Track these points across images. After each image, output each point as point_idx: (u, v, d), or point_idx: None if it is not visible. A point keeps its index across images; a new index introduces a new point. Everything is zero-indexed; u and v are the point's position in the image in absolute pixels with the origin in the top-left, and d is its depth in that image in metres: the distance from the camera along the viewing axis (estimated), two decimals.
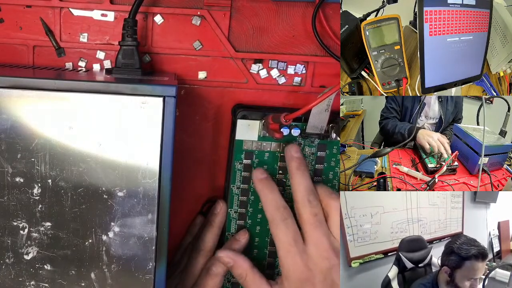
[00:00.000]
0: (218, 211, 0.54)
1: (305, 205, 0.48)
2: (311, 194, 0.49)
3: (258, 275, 0.51)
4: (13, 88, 0.40)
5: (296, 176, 0.49)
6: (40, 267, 0.43)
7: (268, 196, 0.50)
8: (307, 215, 0.48)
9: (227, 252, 0.52)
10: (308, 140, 0.53)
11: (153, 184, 0.42)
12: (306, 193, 0.49)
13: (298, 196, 0.49)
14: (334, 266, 0.47)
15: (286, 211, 0.49)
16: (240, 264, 0.51)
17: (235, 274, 0.52)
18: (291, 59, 0.53)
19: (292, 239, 0.48)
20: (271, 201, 0.50)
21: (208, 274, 0.52)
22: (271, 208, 0.49)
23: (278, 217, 0.49)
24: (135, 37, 0.48)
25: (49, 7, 0.50)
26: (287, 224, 0.48)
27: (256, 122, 0.51)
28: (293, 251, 0.48)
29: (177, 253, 0.57)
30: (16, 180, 0.41)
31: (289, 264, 0.48)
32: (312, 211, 0.48)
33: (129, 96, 0.41)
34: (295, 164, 0.50)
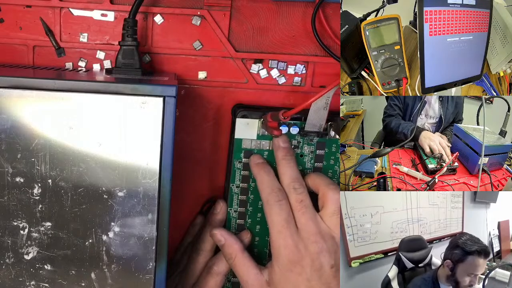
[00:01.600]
0: (218, 211, 0.54)
1: (290, 191, 0.49)
2: (296, 182, 0.50)
3: (247, 258, 0.51)
4: (13, 88, 0.40)
5: (282, 165, 0.51)
6: (40, 267, 0.43)
7: (264, 178, 0.51)
8: (293, 201, 0.49)
9: (220, 230, 0.52)
10: (307, 138, 0.53)
11: (153, 184, 0.42)
12: (291, 180, 0.50)
13: (284, 184, 0.50)
14: (322, 251, 0.48)
15: (280, 193, 0.49)
16: (231, 244, 0.51)
17: (225, 254, 0.52)
18: (291, 59, 0.53)
19: (285, 220, 0.48)
20: (267, 183, 0.50)
21: (209, 273, 0.52)
22: (266, 190, 0.50)
23: (272, 199, 0.49)
24: (135, 37, 0.48)
25: (49, 7, 0.50)
26: (281, 205, 0.49)
27: (255, 121, 0.52)
28: (284, 232, 0.48)
29: (177, 253, 0.57)
30: (16, 180, 0.41)
31: (280, 244, 0.48)
32: (297, 197, 0.49)
33: (129, 96, 0.41)
34: (281, 153, 0.51)
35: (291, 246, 0.48)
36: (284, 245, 0.48)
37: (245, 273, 0.50)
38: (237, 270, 0.51)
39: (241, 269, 0.51)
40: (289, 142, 0.52)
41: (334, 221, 0.49)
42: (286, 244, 0.48)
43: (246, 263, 0.51)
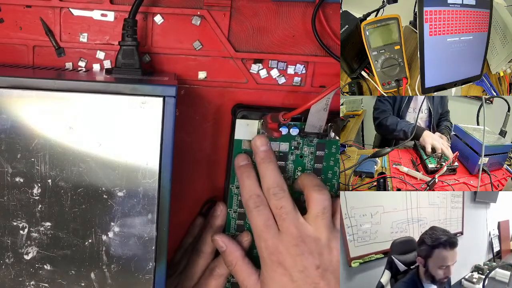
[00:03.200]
0: (219, 214, 0.54)
1: (270, 197, 0.49)
2: (276, 187, 0.49)
3: (248, 265, 0.51)
4: (13, 88, 0.40)
5: (261, 168, 0.50)
6: (40, 267, 0.43)
7: (245, 182, 0.51)
8: (273, 208, 0.49)
9: (222, 236, 0.52)
10: (307, 139, 0.53)
11: (153, 184, 0.42)
12: (270, 185, 0.49)
13: (263, 188, 0.50)
14: (304, 253, 0.48)
15: (258, 199, 0.50)
16: (232, 250, 0.52)
17: (226, 261, 0.52)
18: (291, 59, 0.53)
19: (264, 225, 0.49)
20: (247, 187, 0.50)
21: (211, 275, 0.52)
22: (245, 195, 0.50)
23: (250, 204, 0.49)
24: (135, 37, 0.48)
25: (49, 7, 0.50)
26: (259, 210, 0.49)
27: (255, 122, 0.51)
28: (264, 236, 0.49)
29: (176, 254, 0.57)
30: (16, 180, 0.41)
31: (261, 246, 0.49)
32: (277, 204, 0.49)
33: (129, 96, 0.41)
34: (259, 156, 0.50)
35: (271, 247, 0.48)
36: (265, 247, 0.49)
37: (246, 278, 0.51)
38: (238, 277, 0.51)
39: (241, 275, 0.51)
40: (268, 143, 0.51)
41: (319, 222, 0.49)
42: (266, 245, 0.49)
43: (246, 270, 0.51)
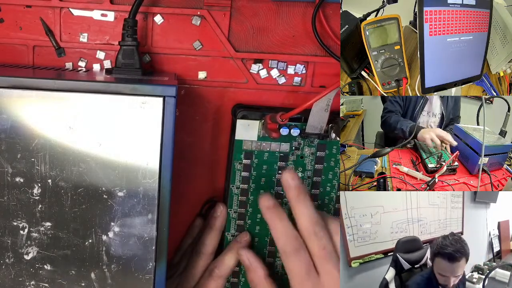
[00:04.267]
0: (219, 214, 0.54)
1: (311, 239, 0.47)
2: (316, 225, 0.47)
3: (270, 285, 0.50)
4: (13, 88, 0.40)
5: (297, 206, 0.47)
6: (40, 267, 0.43)
7: (278, 225, 0.48)
8: (316, 249, 0.46)
9: (247, 252, 0.51)
10: (308, 140, 0.53)
11: (153, 184, 0.42)
12: (310, 224, 0.47)
13: (302, 228, 0.47)
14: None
15: (297, 242, 0.47)
16: (256, 269, 0.50)
17: (249, 277, 0.51)
18: (291, 59, 0.53)
19: (305, 272, 0.46)
20: (281, 230, 0.47)
21: (211, 276, 0.52)
22: (281, 239, 0.47)
23: (289, 249, 0.47)
24: (135, 37, 0.48)
25: (49, 7, 0.50)
26: (300, 255, 0.46)
27: (256, 122, 0.51)
28: (306, 284, 0.46)
29: (176, 254, 0.57)
30: (16, 180, 0.41)
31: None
32: (320, 244, 0.46)
33: (129, 96, 0.41)
34: (293, 193, 0.47)
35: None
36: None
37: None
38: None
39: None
40: (298, 176, 0.48)
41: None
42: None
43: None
